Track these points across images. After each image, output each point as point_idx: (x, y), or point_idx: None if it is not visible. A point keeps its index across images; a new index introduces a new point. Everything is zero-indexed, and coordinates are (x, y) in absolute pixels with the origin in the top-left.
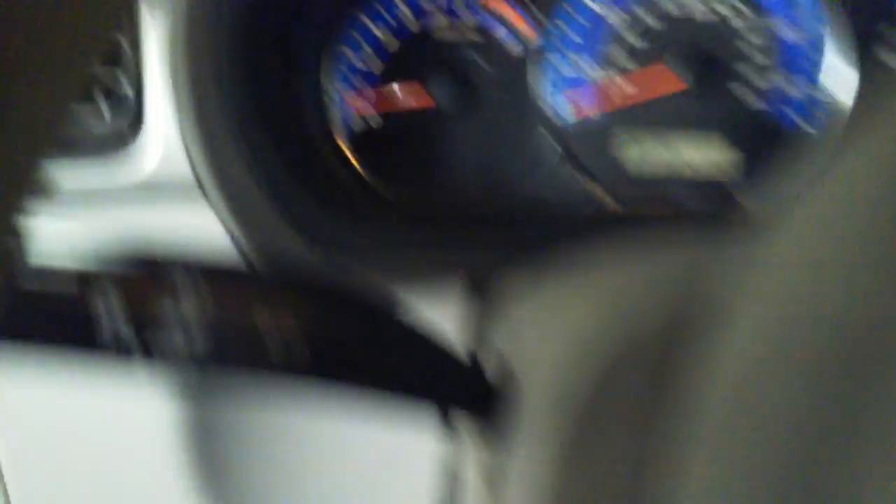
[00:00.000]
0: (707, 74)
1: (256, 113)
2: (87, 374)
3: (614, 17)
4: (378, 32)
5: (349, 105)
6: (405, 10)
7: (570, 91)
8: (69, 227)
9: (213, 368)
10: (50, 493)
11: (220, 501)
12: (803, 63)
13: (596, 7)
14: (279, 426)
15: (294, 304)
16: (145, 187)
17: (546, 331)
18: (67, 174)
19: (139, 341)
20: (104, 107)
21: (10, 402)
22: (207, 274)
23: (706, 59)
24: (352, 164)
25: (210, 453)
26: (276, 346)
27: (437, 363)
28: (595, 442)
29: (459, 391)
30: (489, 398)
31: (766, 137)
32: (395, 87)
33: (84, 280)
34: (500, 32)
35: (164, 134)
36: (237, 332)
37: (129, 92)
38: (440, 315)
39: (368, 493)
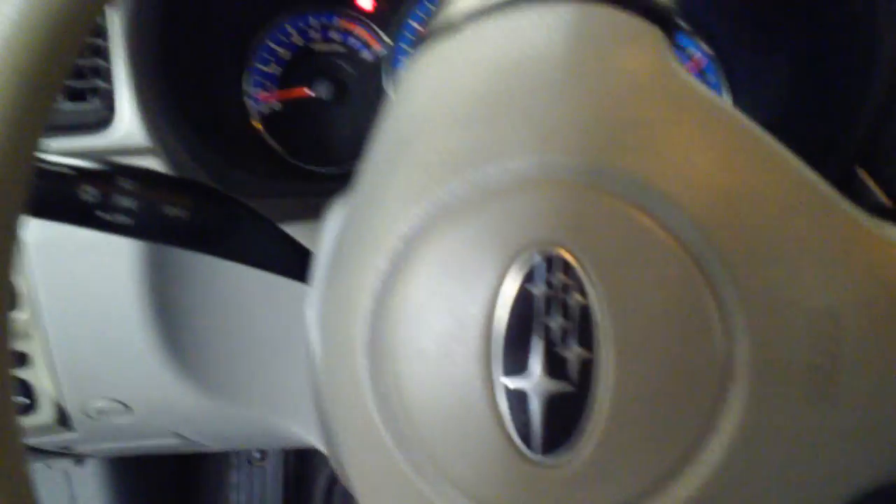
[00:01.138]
0: None
1: (190, 105)
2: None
3: None
4: (277, 48)
5: (260, 98)
6: (293, 33)
7: None
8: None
9: (147, 238)
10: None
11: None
12: None
13: (417, 26)
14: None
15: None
16: (116, 151)
17: None
18: (63, 141)
19: (104, 219)
20: (92, 99)
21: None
22: (142, 176)
23: None
24: (262, 137)
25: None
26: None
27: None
28: None
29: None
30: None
31: None
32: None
33: (77, 173)
34: (356, 44)
35: (127, 118)
36: (158, 215)
37: (105, 85)
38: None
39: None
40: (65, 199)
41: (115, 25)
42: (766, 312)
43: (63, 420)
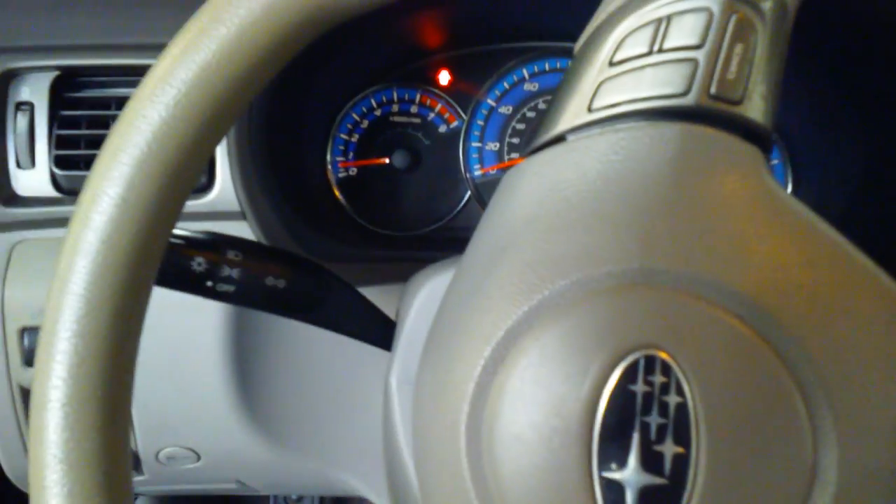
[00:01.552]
0: None
1: (280, 174)
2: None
3: (504, 110)
4: (358, 119)
5: (339, 166)
6: (374, 104)
7: (477, 155)
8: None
9: (247, 305)
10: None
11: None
12: None
13: (492, 103)
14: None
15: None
16: (211, 214)
17: None
18: None
19: (211, 287)
20: None
21: None
22: (246, 248)
23: None
24: (341, 203)
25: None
26: (276, 295)
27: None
28: None
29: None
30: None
31: None
32: (368, 153)
33: (189, 244)
34: (433, 118)
35: (224, 184)
36: (258, 285)
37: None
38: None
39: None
40: (179, 269)
41: None
42: (852, 418)
43: (135, 464)
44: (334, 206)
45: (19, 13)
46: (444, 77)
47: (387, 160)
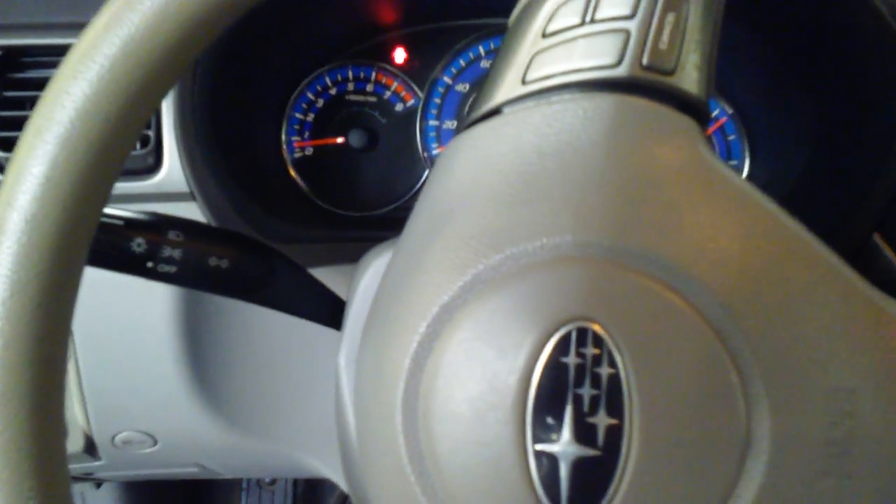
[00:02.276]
0: None
1: (231, 155)
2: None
3: (461, 88)
4: (313, 98)
5: (295, 145)
6: (328, 82)
7: (434, 133)
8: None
9: (190, 286)
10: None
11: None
12: None
13: (448, 81)
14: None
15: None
16: (159, 196)
17: None
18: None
19: (151, 269)
20: (139, 147)
21: None
22: (188, 228)
23: None
24: (297, 184)
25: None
26: (220, 276)
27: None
28: None
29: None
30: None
31: None
32: (324, 132)
33: (128, 225)
34: (389, 96)
35: (172, 165)
36: (201, 266)
37: (153, 134)
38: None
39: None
40: (118, 250)
41: None
42: (786, 388)
43: (90, 449)
44: (289, 187)
45: None
46: (399, 55)
47: (343, 139)
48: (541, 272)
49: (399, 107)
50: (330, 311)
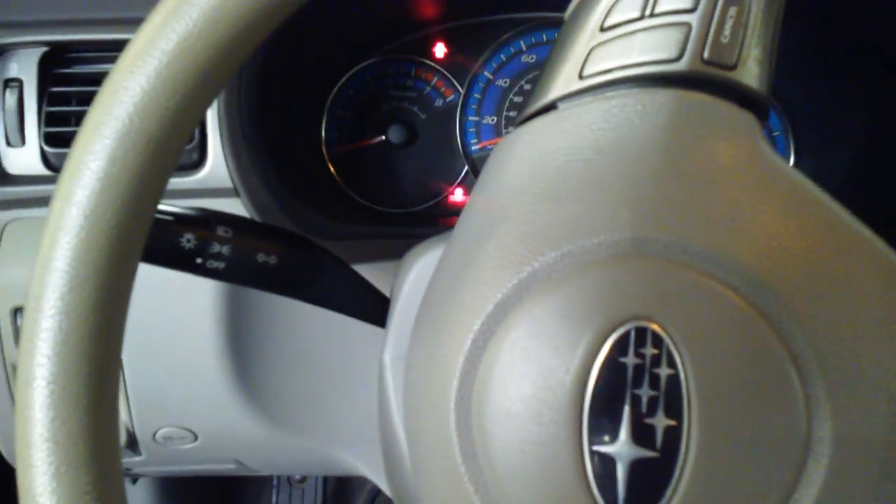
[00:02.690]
0: None
1: (273, 151)
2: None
3: (501, 83)
4: (351, 92)
5: (335, 142)
6: (368, 78)
7: (474, 129)
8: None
9: (238, 282)
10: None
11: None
12: None
13: (489, 76)
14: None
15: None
16: (204, 191)
17: None
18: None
19: (200, 265)
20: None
21: None
22: (236, 224)
23: None
24: (336, 180)
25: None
26: (267, 272)
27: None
28: None
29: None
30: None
31: None
32: (365, 132)
33: (178, 221)
34: (429, 91)
35: (216, 161)
36: (249, 262)
37: (197, 135)
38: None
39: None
40: (168, 246)
41: None
42: (847, 390)
43: (131, 444)
44: (330, 183)
45: None
46: (439, 50)
47: (383, 137)
48: (598, 270)
49: (439, 102)
50: (374, 309)
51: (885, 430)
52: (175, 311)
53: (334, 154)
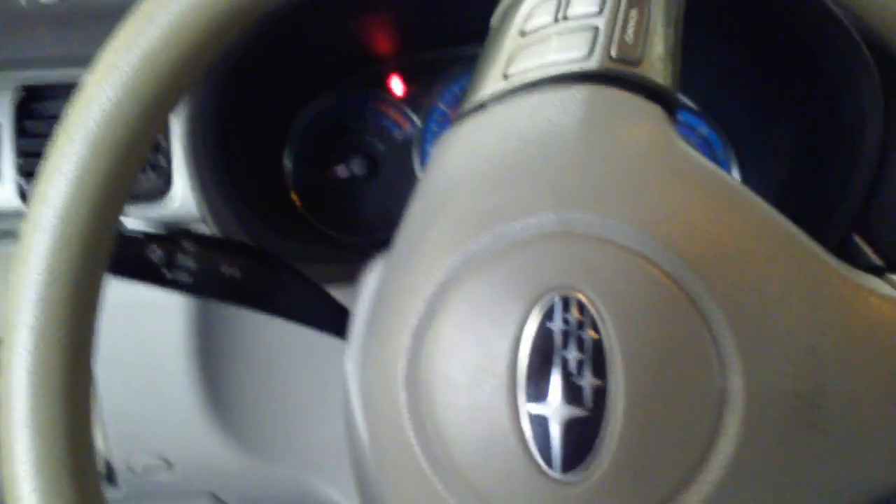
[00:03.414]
0: None
1: (238, 180)
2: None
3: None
4: (311, 124)
5: (297, 173)
6: (327, 111)
7: None
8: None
9: (204, 295)
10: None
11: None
12: None
13: (444, 108)
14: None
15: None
16: (170, 220)
17: None
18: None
19: (167, 277)
20: (150, 172)
21: None
22: (202, 239)
23: None
24: (298, 209)
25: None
26: (232, 285)
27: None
28: None
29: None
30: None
31: None
32: (327, 162)
33: (145, 235)
34: (388, 124)
35: (183, 191)
36: (214, 274)
37: (164, 164)
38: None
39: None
40: (135, 258)
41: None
42: (755, 348)
43: (110, 476)
44: (292, 211)
45: None
46: (396, 84)
47: (344, 168)
48: (527, 247)
49: (398, 134)
50: (337, 320)
51: (792, 382)
52: (146, 335)
53: (298, 186)
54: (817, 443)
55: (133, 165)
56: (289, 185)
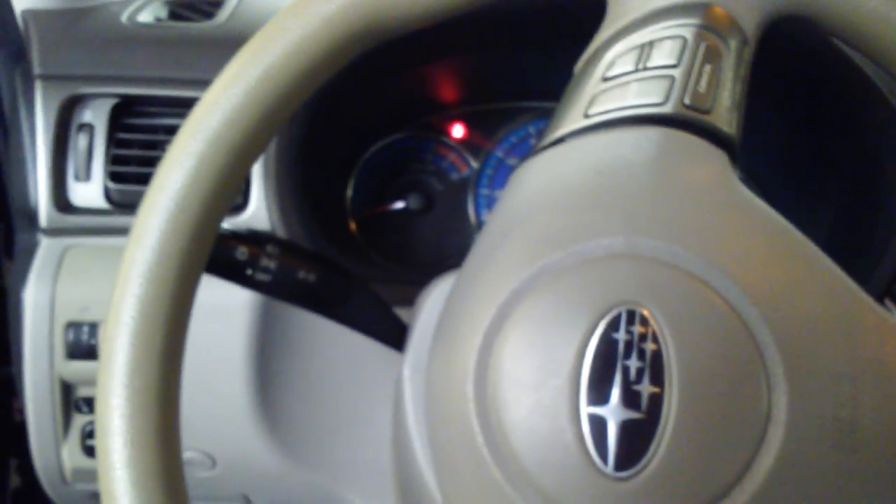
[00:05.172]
0: None
1: (307, 199)
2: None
3: (512, 162)
4: (378, 163)
5: (358, 204)
6: (393, 150)
7: (486, 201)
8: None
9: (280, 296)
10: None
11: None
12: None
13: (500, 155)
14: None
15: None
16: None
17: None
18: None
19: (249, 276)
20: None
21: None
22: (284, 244)
23: None
24: (353, 234)
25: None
26: (306, 289)
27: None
28: None
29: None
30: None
31: None
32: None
33: (235, 235)
34: (446, 166)
35: (258, 206)
36: (292, 277)
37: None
38: None
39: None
40: (225, 257)
41: None
42: (800, 373)
43: None
44: (349, 237)
45: (85, 47)
46: (457, 130)
47: (402, 203)
48: (597, 264)
49: (454, 175)
50: (396, 334)
51: (832, 408)
52: (207, 335)
53: (357, 216)
54: (851, 464)
55: (244, 167)
56: (348, 212)
